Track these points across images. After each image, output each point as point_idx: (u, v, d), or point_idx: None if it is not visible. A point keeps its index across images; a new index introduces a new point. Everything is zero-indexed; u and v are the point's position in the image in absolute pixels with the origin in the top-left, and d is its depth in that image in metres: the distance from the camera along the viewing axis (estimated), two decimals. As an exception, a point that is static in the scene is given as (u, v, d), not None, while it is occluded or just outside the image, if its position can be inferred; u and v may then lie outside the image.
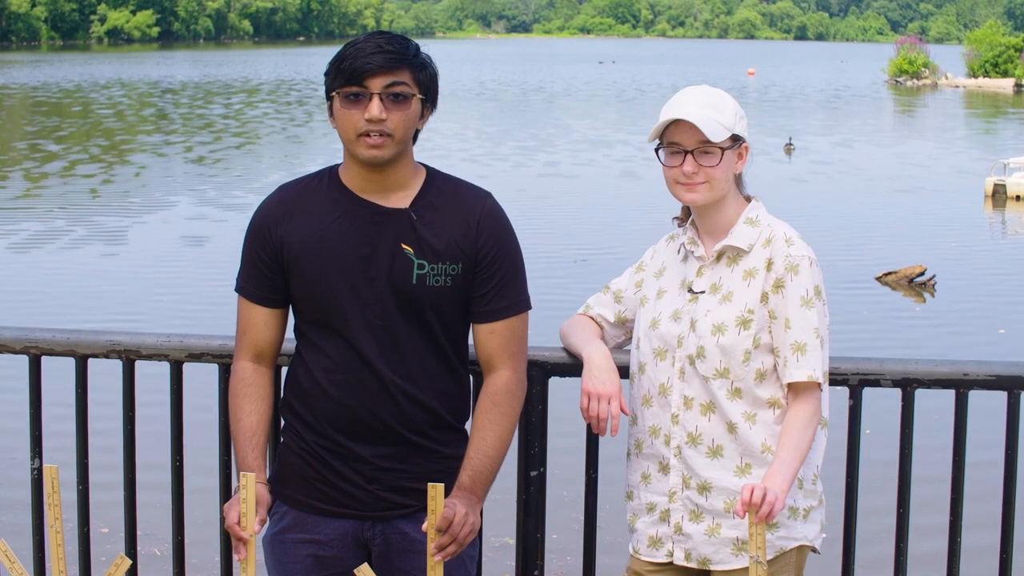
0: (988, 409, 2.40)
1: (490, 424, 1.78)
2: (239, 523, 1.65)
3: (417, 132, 1.80)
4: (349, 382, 1.78)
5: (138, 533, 2.13)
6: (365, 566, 1.53)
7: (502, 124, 23.64)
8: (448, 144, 18.66)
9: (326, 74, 1.77)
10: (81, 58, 57.65)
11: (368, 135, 1.72)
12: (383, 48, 1.72)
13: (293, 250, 1.78)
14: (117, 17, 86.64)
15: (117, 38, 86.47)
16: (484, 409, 1.80)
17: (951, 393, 2.00)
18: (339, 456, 1.80)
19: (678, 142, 1.82)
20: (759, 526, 1.59)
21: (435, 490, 1.57)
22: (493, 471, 1.79)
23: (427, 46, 1.81)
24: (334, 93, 1.74)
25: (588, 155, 18.03)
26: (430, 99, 1.77)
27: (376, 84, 1.71)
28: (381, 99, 1.71)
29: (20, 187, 14.31)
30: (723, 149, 1.81)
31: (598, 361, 1.85)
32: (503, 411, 1.79)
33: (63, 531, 1.54)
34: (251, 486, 1.59)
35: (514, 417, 1.82)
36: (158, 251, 10.04)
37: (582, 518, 2.08)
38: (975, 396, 2.02)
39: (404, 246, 1.74)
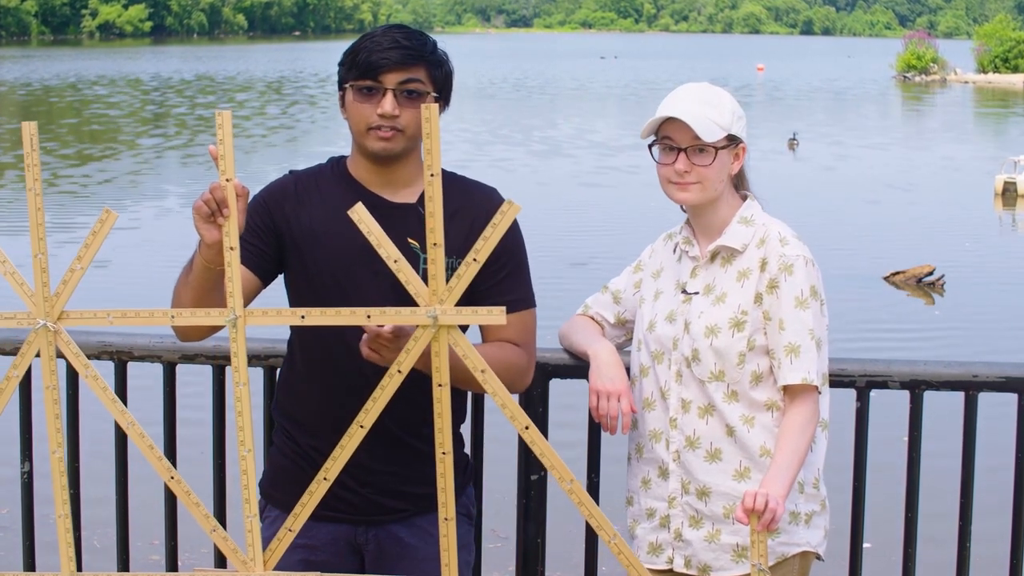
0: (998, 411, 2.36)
1: (496, 348, 1.69)
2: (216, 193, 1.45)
3: None
4: (344, 381, 1.75)
5: (156, 543, 2.10)
6: None
7: (509, 124, 23.53)
8: (457, 146, 18.52)
9: (340, 64, 1.75)
10: (71, 54, 57.29)
11: (379, 128, 1.70)
12: (400, 43, 1.70)
13: (297, 235, 1.75)
14: (109, 11, 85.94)
15: (109, 33, 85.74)
16: (494, 344, 1.70)
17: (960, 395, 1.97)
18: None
19: (672, 139, 1.78)
20: (761, 533, 1.55)
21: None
22: (462, 371, 1.60)
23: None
24: (347, 84, 1.72)
25: (598, 158, 17.92)
26: (444, 97, 1.75)
27: (390, 80, 1.69)
28: (395, 95, 1.69)
29: (9, 183, 14.27)
30: (717, 149, 1.77)
31: (605, 358, 1.82)
32: (508, 349, 1.70)
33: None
34: (227, 125, 1.44)
35: (512, 364, 1.68)
36: (151, 250, 10.00)
37: (583, 522, 2.05)
38: (984, 398, 1.98)
39: (411, 240, 1.72)
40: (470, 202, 1.74)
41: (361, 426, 1.47)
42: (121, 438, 2.10)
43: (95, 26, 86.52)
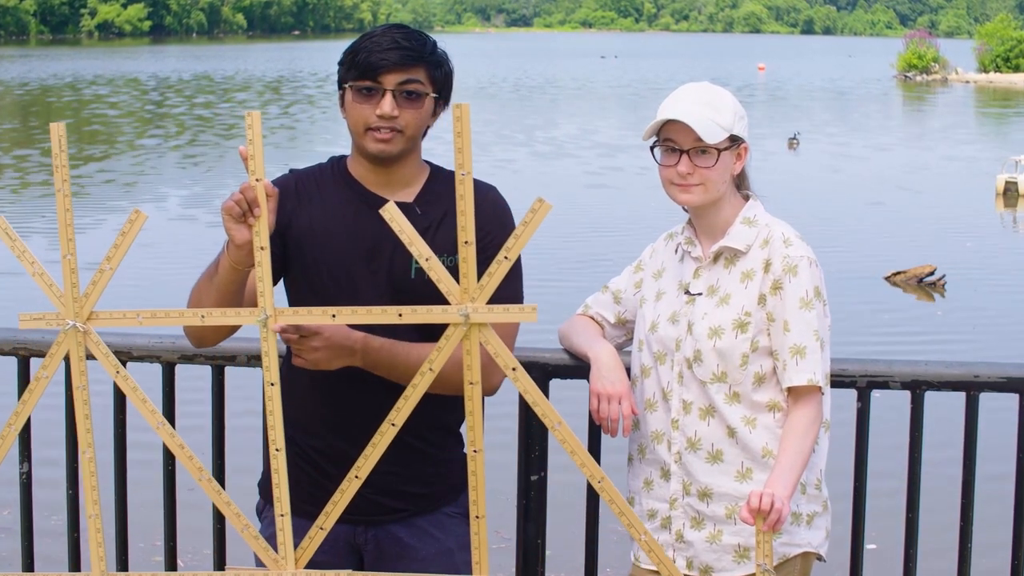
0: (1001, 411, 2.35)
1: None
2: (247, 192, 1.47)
3: (427, 128, 1.77)
4: (342, 381, 1.74)
5: (157, 544, 2.09)
6: None
7: (511, 125, 23.47)
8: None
9: (340, 64, 1.75)
10: (69, 53, 57.06)
11: (378, 130, 1.70)
12: (399, 44, 1.69)
13: (297, 235, 1.75)
14: (108, 11, 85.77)
15: (108, 32, 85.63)
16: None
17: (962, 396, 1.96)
18: (330, 458, 1.76)
19: (673, 140, 1.78)
20: (766, 533, 1.55)
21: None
22: (395, 368, 1.63)
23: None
24: (347, 85, 1.72)
25: (601, 158, 17.87)
26: (444, 97, 1.75)
27: (390, 80, 1.69)
28: (394, 96, 1.69)
29: (6, 184, 14.24)
30: (719, 150, 1.76)
31: (606, 360, 1.81)
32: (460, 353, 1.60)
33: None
34: (257, 126, 1.45)
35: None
36: (148, 251, 9.97)
37: (583, 524, 2.04)
38: (985, 398, 1.97)
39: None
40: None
41: (393, 424, 1.49)
42: (120, 439, 2.09)
43: (94, 25, 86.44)
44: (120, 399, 2.07)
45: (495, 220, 1.74)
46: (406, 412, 1.47)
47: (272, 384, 1.46)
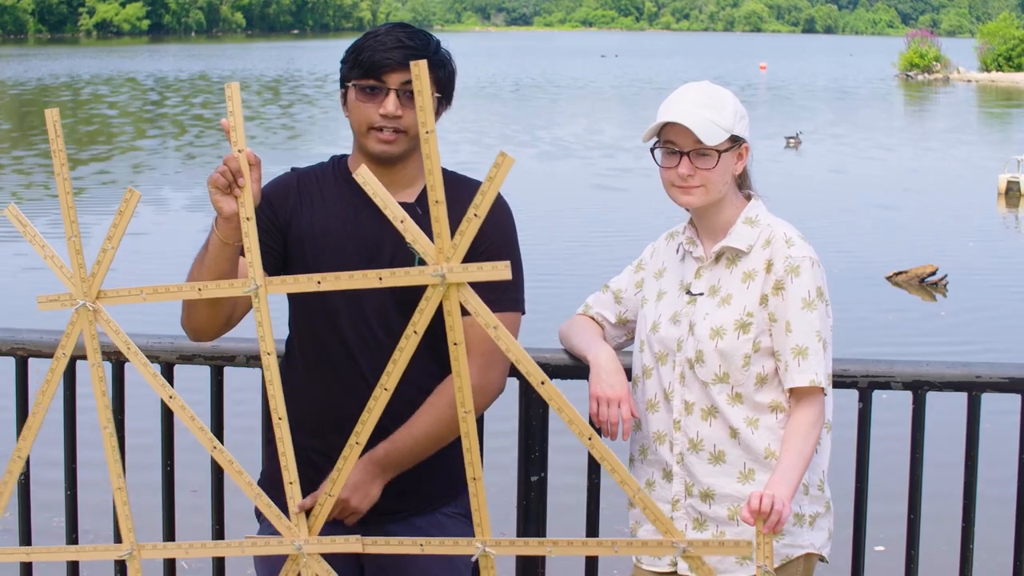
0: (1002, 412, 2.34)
1: (428, 407, 1.73)
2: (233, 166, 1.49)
3: None
4: (342, 380, 1.74)
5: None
6: None
7: (512, 125, 23.45)
8: (461, 147, 18.39)
9: (343, 62, 1.75)
10: (67, 52, 57.01)
11: (381, 130, 1.70)
12: (403, 43, 1.70)
13: (298, 233, 1.75)
14: (106, 10, 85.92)
15: (106, 31, 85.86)
16: (434, 391, 1.74)
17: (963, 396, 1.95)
18: (330, 458, 1.75)
19: (674, 142, 1.77)
20: (767, 535, 1.54)
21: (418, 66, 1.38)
22: (413, 453, 1.73)
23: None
24: (350, 83, 1.72)
25: (603, 159, 17.86)
26: (446, 97, 1.75)
27: (394, 80, 1.69)
28: (398, 95, 1.69)
29: (6, 182, 14.25)
30: (720, 152, 1.76)
31: (605, 363, 1.81)
32: (446, 397, 1.72)
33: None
34: (236, 97, 1.47)
35: (455, 408, 1.65)
36: (147, 250, 9.98)
37: (583, 524, 2.04)
38: (987, 399, 1.96)
39: (407, 241, 1.70)
40: (457, 192, 1.73)
41: (385, 388, 1.50)
42: (120, 439, 2.08)
43: (92, 24, 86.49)
44: (118, 400, 2.06)
45: (488, 226, 1.71)
46: (396, 376, 1.49)
47: (268, 354, 1.46)
